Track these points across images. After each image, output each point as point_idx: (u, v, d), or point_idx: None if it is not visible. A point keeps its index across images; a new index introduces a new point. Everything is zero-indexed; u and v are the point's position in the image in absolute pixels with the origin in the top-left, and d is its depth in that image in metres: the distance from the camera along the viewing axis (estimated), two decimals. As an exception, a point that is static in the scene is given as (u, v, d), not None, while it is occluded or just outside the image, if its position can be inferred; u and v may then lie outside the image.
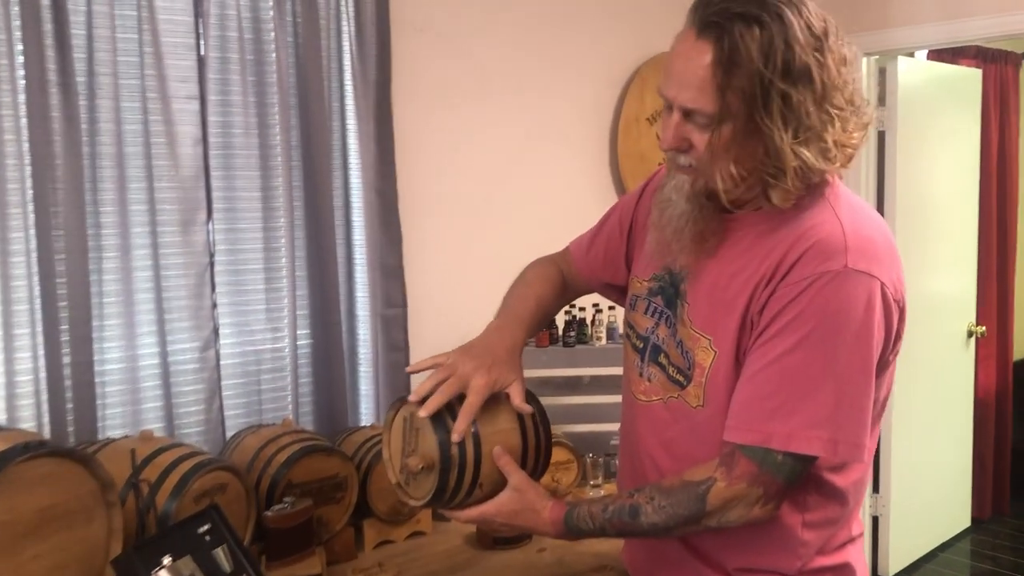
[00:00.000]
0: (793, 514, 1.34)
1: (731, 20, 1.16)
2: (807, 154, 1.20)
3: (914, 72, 3.84)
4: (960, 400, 4.34)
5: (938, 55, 4.14)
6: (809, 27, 1.18)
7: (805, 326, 1.22)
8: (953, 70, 4.14)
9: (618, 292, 1.66)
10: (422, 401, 1.39)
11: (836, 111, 1.21)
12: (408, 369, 1.49)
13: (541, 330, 1.70)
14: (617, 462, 1.76)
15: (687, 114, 1.24)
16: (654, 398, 1.44)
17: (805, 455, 1.24)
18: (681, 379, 1.38)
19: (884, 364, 1.30)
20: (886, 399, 1.37)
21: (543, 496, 1.41)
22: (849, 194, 1.34)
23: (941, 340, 4.16)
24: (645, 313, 1.48)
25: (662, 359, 1.43)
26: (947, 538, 4.36)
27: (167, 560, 1.62)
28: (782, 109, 1.18)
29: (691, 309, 1.37)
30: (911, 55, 3.88)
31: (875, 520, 3.98)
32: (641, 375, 1.48)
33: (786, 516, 1.34)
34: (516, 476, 1.41)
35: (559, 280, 1.69)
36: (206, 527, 1.73)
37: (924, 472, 4.09)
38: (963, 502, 4.45)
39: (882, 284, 1.24)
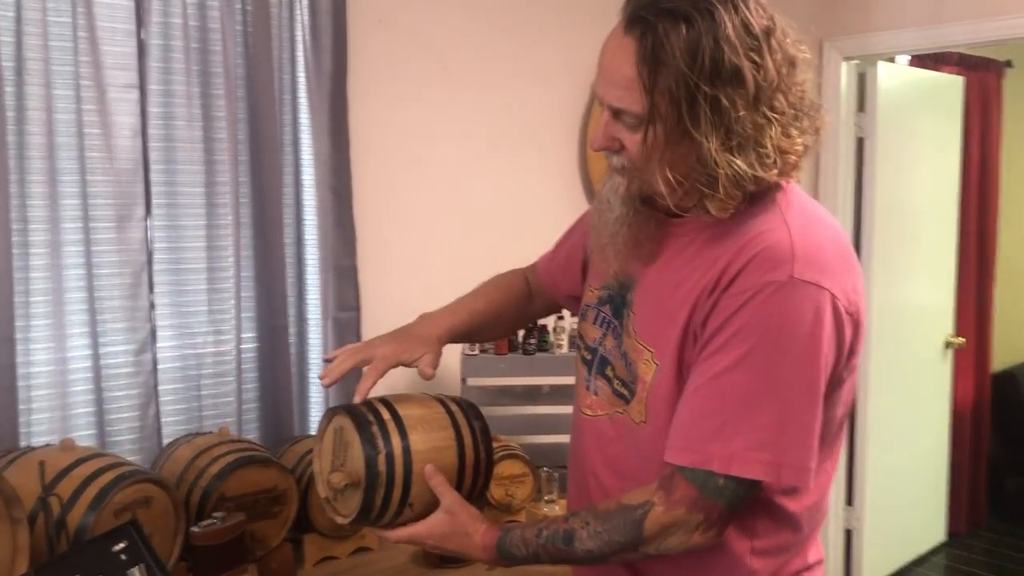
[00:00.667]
0: (741, 540, 1.25)
1: (658, 16, 1.09)
2: (739, 162, 1.12)
3: (894, 78, 3.76)
4: (937, 412, 4.27)
5: (920, 61, 4.06)
6: (746, 25, 1.10)
7: (748, 341, 1.13)
8: (935, 76, 4.06)
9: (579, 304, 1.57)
10: (351, 414, 1.33)
11: (776, 115, 1.13)
12: (324, 380, 1.41)
13: (484, 333, 1.63)
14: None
15: (616, 113, 1.18)
16: (600, 412, 1.36)
17: (748, 479, 1.15)
18: (626, 393, 1.31)
19: (837, 380, 1.20)
20: (844, 417, 1.28)
21: (476, 519, 1.33)
22: (803, 199, 1.25)
23: (918, 351, 4.09)
24: (594, 323, 1.41)
25: (608, 372, 1.35)
26: (922, 552, 4.29)
27: (75, 581, 1.51)
28: (709, 114, 1.10)
29: (636, 319, 1.29)
30: (892, 60, 3.80)
31: (848, 533, 3.91)
32: (588, 388, 1.41)
33: (733, 543, 1.25)
34: (448, 497, 1.34)
35: (521, 288, 1.64)
36: (122, 545, 1.62)
37: (899, 485, 4.02)
38: (939, 516, 4.37)
39: (832, 296, 1.14)
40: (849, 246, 1.24)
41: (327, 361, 1.43)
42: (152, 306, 2.18)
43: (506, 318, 1.64)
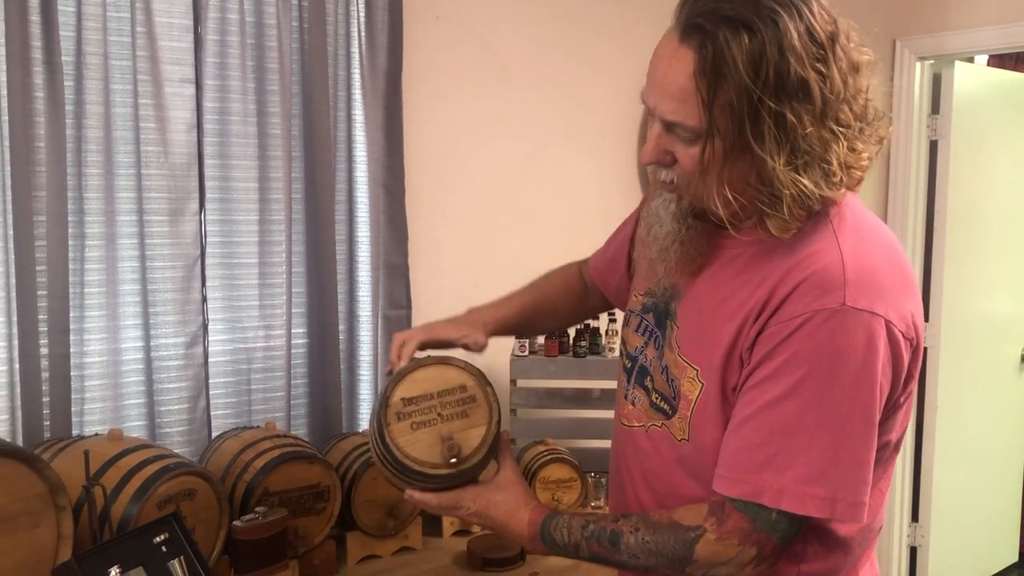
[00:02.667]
0: (789, 565, 1.20)
1: (717, 24, 1.01)
2: (805, 181, 1.04)
3: (971, 78, 3.62)
4: (1011, 426, 4.10)
5: (999, 61, 3.91)
6: (811, 32, 1.02)
7: (798, 370, 1.07)
8: (1015, 77, 3.89)
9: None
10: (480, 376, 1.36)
11: (842, 129, 1.05)
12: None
13: (535, 326, 1.62)
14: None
15: (669, 126, 1.10)
16: (635, 424, 1.32)
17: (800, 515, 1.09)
18: (666, 407, 1.25)
19: (894, 406, 1.14)
20: (899, 441, 1.21)
21: (531, 494, 1.32)
22: (858, 214, 1.17)
23: (992, 363, 3.93)
24: (636, 330, 1.36)
25: (647, 383, 1.31)
26: (992, 573, 4.12)
27: (115, 571, 1.53)
28: (774, 130, 1.03)
29: (680, 333, 1.24)
30: (970, 60, 3.65)
31: (913, 551, 3.78)
32: (626, 397, 1.37)
33: (782, 568, 1.19)
34: (510, 465, 1.33)
35: (576, 283, 1.61)
36: (163, 536, 1.63)
37: (968, 502, 3.87)
38: (1011, 535, 4.19)
39: (887, 322, 1.07)
40: (906, 264, 1.17)
41: (389, 373, 1.39)
42: (204, 300, 2.19)
43: (559, 313, 1.62)
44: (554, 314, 1.61)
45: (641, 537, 1.17)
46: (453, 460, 1.25)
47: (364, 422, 2.47)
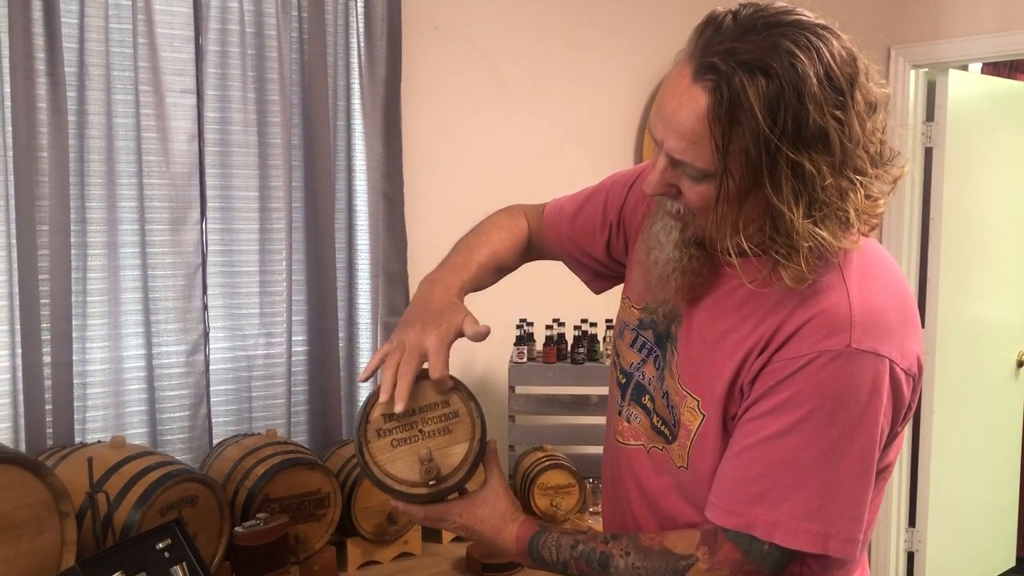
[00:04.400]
0: None
1: (733, 67, 0.98)
2: (824, 233, 1.01)
3: (966, 86, 3.64)
4: (1007, 431, 4.11)
5: (993, 68, 3.93)
6: (829, 76, 0.98)
7: (801, 408, 1.06)
8: (1009, 85, 3.92)
9: (587, 272, 1.51)
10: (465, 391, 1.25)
11: (859, 177, 1.02)
12: (361, 377, 1.34)
13: (489, 284, 1.49)
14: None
15: (675, 162, 1.07)
16: (633, 442, 1.31)
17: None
18: (667, 432, 1.25)
19: (892, 436, 1.14)
20: (892, 463, 1.22)
21: (518, 507, 1.29)
22: (866, 250, 1.13)
23: (988, 369, 3.95)
24: (632, 346, 1.34)
25: (646, 402, 1.29)
26: (990, 578, 4.12)
27: (118, 577, 1.53)
28: (792, 180, 0.99)
29: (680, 360, 1.22)
30: (964, 68, 3.68)
31: (910, 556, 3.78)
32: (620, 413, 1.35)
33: None
34: (498, 477, 1.29)
35: (522, 235, 1.52)
36: (165, 542, 1.65)
37: (965, 507, 3.88)
38: (1008, 540, 4.20)
39: (891, 362, 1.07)
40: (910, 300, 1.16)
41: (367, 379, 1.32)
42: (205, 308, 2.21)
43: (508, 268, 1.52)
44: (502, 272, 1.51)
45: (631, 562, 1.17)
46: (432, 482, 1.21)
47: (364, 429, 2.48)
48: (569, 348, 2.55)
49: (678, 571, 1.14)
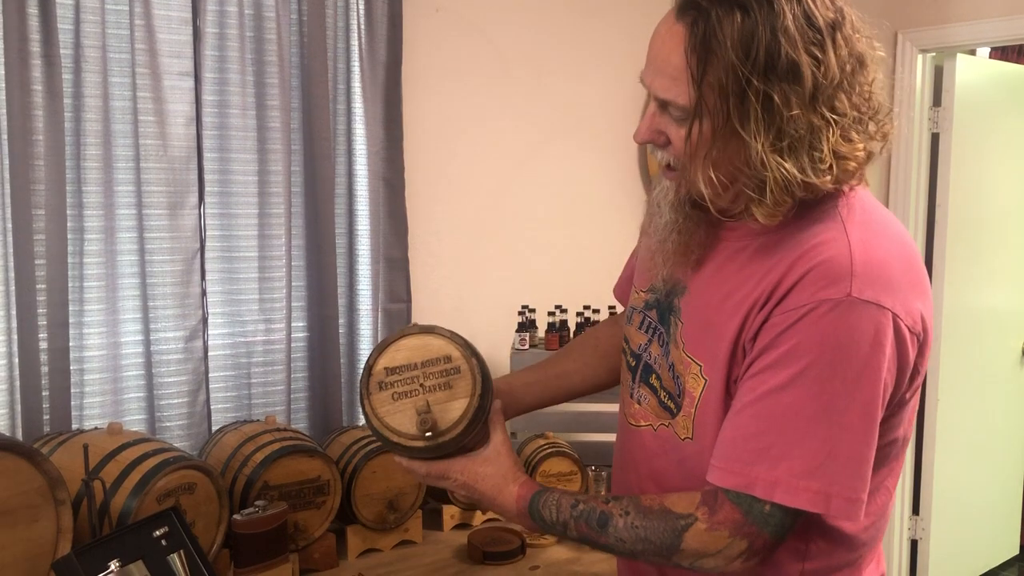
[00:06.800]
0: (792, 563, 1.18)
1: (712, 2, 1.02)
2: (788, 165, 1.02)
3: (974, 71, 3.59)
4: (1012, 420, 4.09)
5: (1001, 53, 3.89)
6: (808, 17, 1.01)
7: (800, 361, 1.05)
8: (1017, 70, 3.87)
9: None
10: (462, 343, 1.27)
11: (834, 117, 1.03)
12: None
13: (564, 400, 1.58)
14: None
15: (663, 105, 1.10)
16: (643, 423, 1.30)
17: (793, 508, 1.08)
18: (672, 406, 1.23)
19: (900, 402, 1.12)
20: (906, 438, 1.19)
21: (520, 466, 1.28)
22: (869, 207, 1.14)
23: (993, 357, 3.92)
24: (639, 328, 1.33)
25: (653, 381, 1.28)
26: (993, 566, 4.11)
27: (114, 564, 1.52)
28: (759, 111, 1.01)
29: (684, 329, 1.21)
30: (972, 53, 3.63)
31: (914, 544, 3.76)
32: (631, 396, 1.33)
33: (783, 565, 1.18)
34: (502, 436, 1.29)
35: (605, 337, 1.56)
36: (163, 530, 1.62)
37: (969, 495, 3.86)
38: (1011, 528, 4.19)
39: (894, 315, 1.05)
40: (916, 259, 1.14)
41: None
42: (204, 293, 2.19)
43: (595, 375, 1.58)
44: (587, 381, 1.58)
45: (631, 521, 1.15)
46: (428, 433, 1.22)
47: (363, 417, 2.47)
48: (571, 334, 2.53)
49: (676, 531, 1.12)
